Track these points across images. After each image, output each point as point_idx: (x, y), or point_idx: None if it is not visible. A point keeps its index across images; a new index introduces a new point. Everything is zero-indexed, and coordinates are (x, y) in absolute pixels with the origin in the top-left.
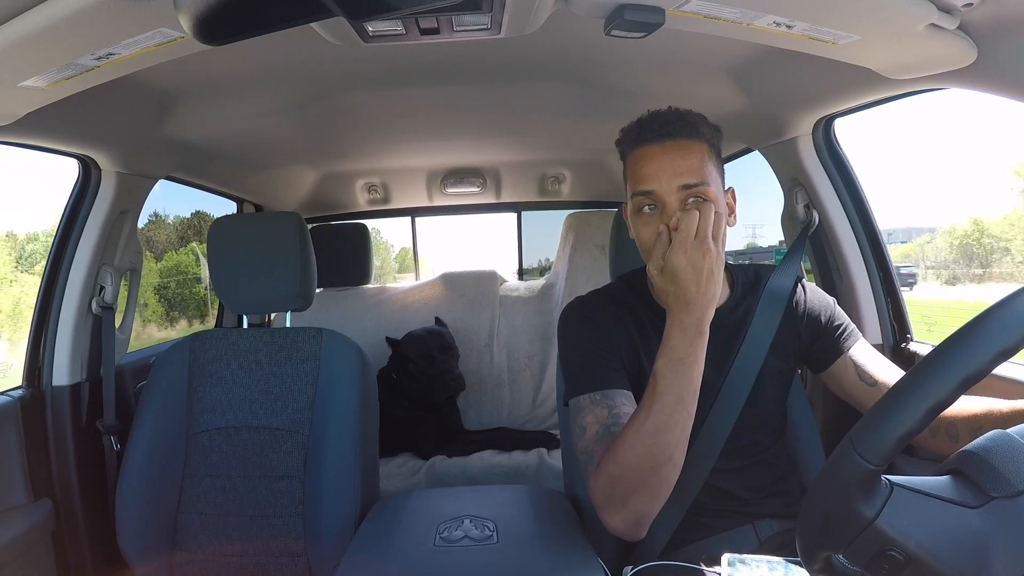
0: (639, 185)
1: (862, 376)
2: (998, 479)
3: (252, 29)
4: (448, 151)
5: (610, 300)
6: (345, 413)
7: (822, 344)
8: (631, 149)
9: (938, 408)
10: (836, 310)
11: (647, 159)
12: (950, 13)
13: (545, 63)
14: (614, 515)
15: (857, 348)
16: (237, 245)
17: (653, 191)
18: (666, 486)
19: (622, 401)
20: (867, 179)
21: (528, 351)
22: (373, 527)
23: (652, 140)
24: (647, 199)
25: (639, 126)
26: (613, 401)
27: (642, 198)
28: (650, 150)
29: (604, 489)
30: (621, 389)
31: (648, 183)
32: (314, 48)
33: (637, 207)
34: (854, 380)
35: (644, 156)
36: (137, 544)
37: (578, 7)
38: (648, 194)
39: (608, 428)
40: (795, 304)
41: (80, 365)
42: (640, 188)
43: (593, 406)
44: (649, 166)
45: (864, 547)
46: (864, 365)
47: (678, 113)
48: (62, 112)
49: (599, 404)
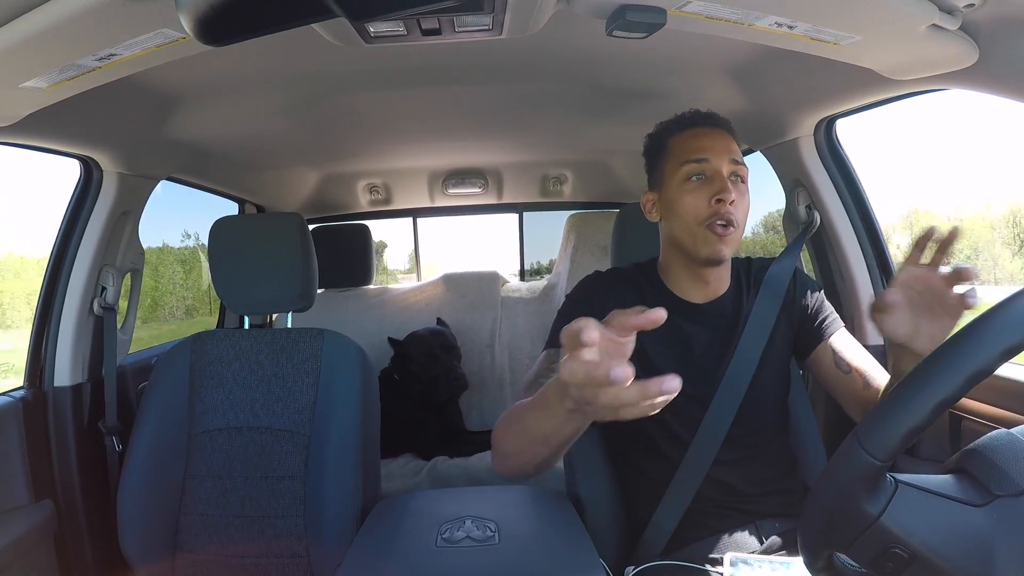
0: (694, 154)
1: (838, 363)
2: (1002, 477)
3: (254, 30)
4: (450, 152)
5: (621, 280)
6: (346, 414)
7: (806, 330)
8: (678, 131)
9: (944, 404)
10: (824, 301)
11: (701, 136)
12: (952, 14)
13: (546, 64)
14: (494, 461)
15: (837, 336)
16: (239, 246)
17: (708, 159)
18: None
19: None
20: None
21: (530, 352)
22: (374, 528)
23: (702, 124)
24: (699, 167)
25: (685, 117)
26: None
27: (695, 165)
28: (702, 130)
29: (494, 440)
30: None
31: (703, 152)
32: (316, 49)
33: (686, 175)
34: (830, 366)
35: (697, 134)
36: (138, 545)
37: (579, 8)
38: (702, 161)
39: (539, 378)
40: (790, 293)
41: (81, 366)
42: (695, 156)
43: (546, 358)
44: (703, 140)
45: (868, 545)
46: (841, 352)
47: (718, 114)
48: (64, 113)
49: (549, 356)
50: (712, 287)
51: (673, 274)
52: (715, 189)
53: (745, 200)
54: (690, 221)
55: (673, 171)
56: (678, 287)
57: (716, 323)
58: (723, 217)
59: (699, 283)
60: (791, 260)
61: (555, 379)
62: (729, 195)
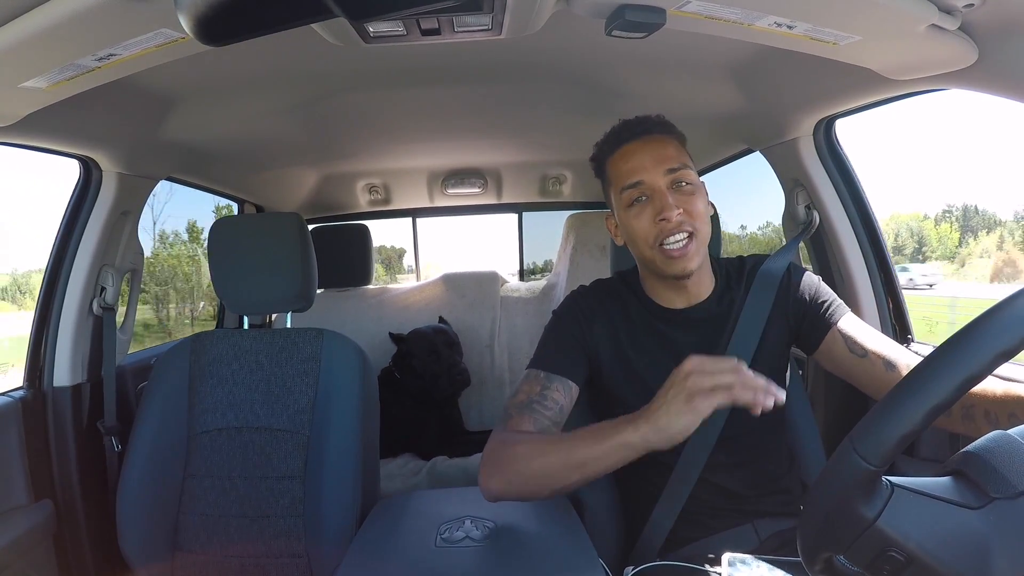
0: (627, 179)
1: (852, 348)
2: (999, 480)
3: (253, 30)
4: (449, 152)
5: (606, 294)
6: (346, 414)
7: (809, 322)
8: (610, 153)
9: (939, 409)
10: (820, 286)
11: (629, 154)
12: (951, 14)
13: (546, 64)
14: (488, 483)
15: (845, 321)
16: (238, 246)
17: (641, 180)
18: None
19: (557, 387)
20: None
21: (529, 352)
22: (374, 528)
23: (630, 139)
24: (637, 191)
25: (614, 133)
26: (551, 384)
27: (632, 190)
28: (631, 147)
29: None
30: (565, 378)
31: (636, 175)
32: (315, 49)
33: (628, 201)
34: (844, 353)
35: (626, 153)
36: (138, 545)
37: (579, 7)
38: (637, 185)
39: (532, 402)
40: (784, 288)
41: (81, 366)
42: (629, 181)
43: (534, 380)
44: (633, 159)
45: (865, 548)
46: (853, 336)
47: (648, 116)
48: (63, 113)
49: (538, 381)
50: (692, 292)
51: (650, 284)
52: (656, 209)
53: (696, 200)
54: (644, 245)
55: (617, 198)
56: (658, 296)
57: (702, 326)
58: (671, 233)
59: (678, 291)
60: (786, 257)
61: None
62: (671, 211)
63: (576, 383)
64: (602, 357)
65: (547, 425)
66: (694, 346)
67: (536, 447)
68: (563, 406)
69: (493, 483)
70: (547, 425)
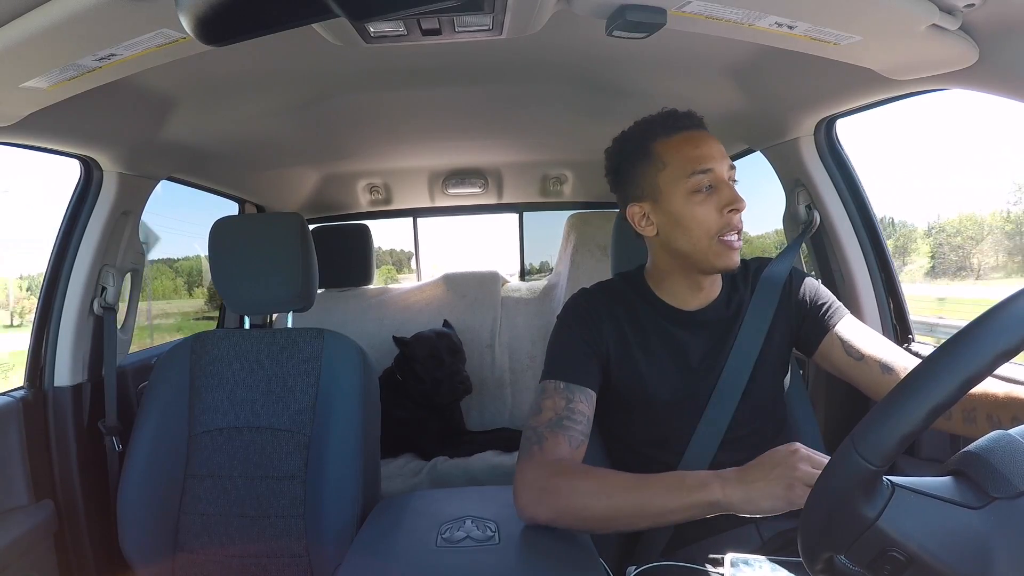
0: (698, 164)
1: (849, 351)
2: (999, 480)
3: (254, 30)
4: (450, 152)
5: (611, 295)
6: (347, 414)
7: (808, 325)
8: (666, 136)
9: (939, 409)
10: (820, 289)
11: (697, 141)
12: (952, 14)
13: (547, 64)
14: (535, 511)
15: (843, 324)
16: (239, 246)
17: (712, 169)
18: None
19: (580, 398)
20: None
21: (530, 352)
22: (375, 528)
23: (690, 127)
24: (707, 178)
25: (669, 116)
26: (573, 396)
27: (702, 176)
28: (694, 135)
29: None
30: (585, 387)
31: (707, 162)
32: (316, 49)
33: (694, 187)
34: (842, 356)
35: (691, 139)
36: (139, 545)
37: (580, 8)
38: (708, 172)
39: (561, 419)
40: (786, 291)
41: (82, 366)
42: (701, 167)
43: (556, 394)
44: (702, 147)
45: (865, 548)
46: (850, 340)
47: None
48: (64, 113)
49: (560, 394)
50: (706, 292)
51: (667, 283)
52: (725, 200)
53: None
54: (701, 235)
55: (674, 182)
56: (670, 296)
57: (711, 328)
58: (735, 227)
59: (695, 290)
60: (788, 260)
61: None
62: (742, 204)
63: (595, 390)
64: (611, 359)
65: (580, 440)
66: (703, 347)
67: (601, 486)
68: (588, 417)
69: (541, 512)
70: (580, 440)
